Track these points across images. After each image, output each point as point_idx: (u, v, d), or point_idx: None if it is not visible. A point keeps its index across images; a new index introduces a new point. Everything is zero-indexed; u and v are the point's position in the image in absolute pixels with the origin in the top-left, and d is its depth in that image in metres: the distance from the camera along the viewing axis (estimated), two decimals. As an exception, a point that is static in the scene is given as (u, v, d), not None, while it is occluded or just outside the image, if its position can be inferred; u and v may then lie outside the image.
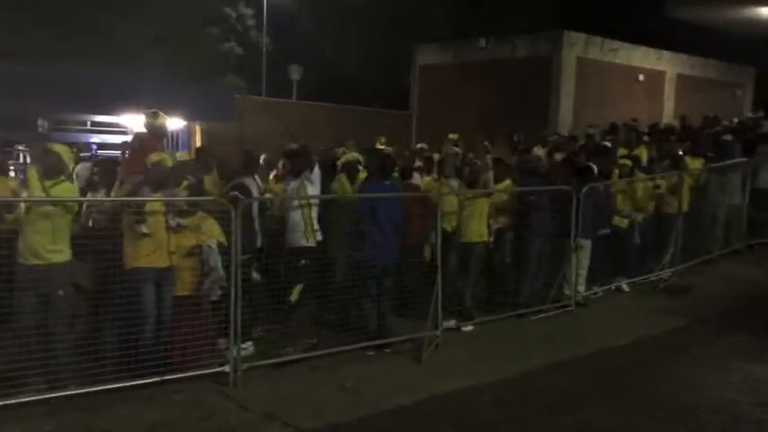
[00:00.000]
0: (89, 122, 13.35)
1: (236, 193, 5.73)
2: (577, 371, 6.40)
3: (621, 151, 9.60)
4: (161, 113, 6.91)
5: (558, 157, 9.59)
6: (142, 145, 6.64)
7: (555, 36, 18.10)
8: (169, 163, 5.98)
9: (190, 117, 13.27)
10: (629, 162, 9.18)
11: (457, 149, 9.35)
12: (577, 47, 18.25)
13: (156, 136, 6.87)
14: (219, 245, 5.83)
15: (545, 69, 17.91)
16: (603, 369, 6.50)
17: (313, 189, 6.48)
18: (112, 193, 6.35)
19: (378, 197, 6.61)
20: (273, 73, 26.47)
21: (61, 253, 5.28)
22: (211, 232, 5.92)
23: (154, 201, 5.66)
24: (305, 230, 6.40)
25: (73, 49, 17.46)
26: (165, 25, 22.58)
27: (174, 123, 13.04)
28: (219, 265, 5.74)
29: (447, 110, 19.07)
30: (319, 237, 6.51)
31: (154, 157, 5.83)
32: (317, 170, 6.53)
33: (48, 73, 11.58)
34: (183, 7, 23.48)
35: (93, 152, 12.35)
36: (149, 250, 5.54)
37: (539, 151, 10.64)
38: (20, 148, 12.40)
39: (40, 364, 5.09)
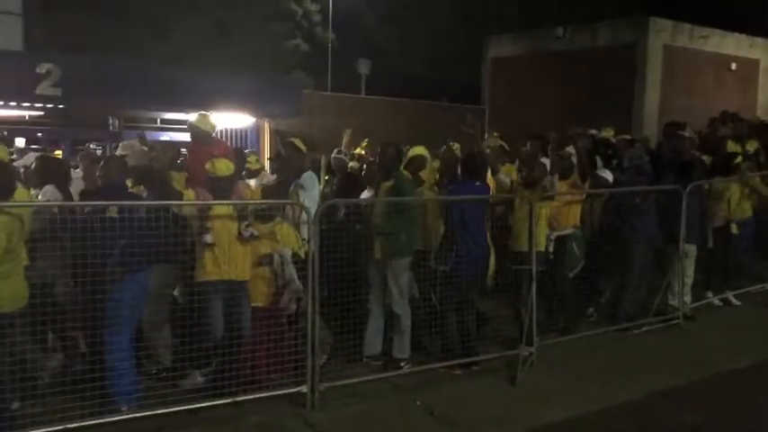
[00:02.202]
0: (159, 120, 13.17)
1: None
2: (698, 398, 5.58)
3: (732, 146, 8.59)
4: (208, 116, 6.43)
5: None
6: (194, 154, 6.20)
7: (639, 23, 16.91)
8: (224, 168, 5.27)
9: (258, 114, 12.91)
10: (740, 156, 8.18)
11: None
12: (664, 34, 17.01)
13: (200, 140, 6.42)
14: (295, 255, 5.29)
15: (629, 59, 16.74)
16: (729, 396, 5.66)
17: (306, 194, 5.89)
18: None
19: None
20: (340, 68, 26.08)
21: None
22: (286, 240, 5.40)
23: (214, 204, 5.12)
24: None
25: (136, 45, 17.44)
26: (229, 22, 22.46)
27: (244, 121, 12.72)
28: (296, 276, 5.21)
29: (521, 104, 18.16)
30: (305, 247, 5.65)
31: (209, 166, 5.25)
32: (310, 174, 6.00)
33: (117, 70, 11.39)
34: (248, 4, 23.32)
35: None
36: (217, 262, 5.04)
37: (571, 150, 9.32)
38: (92, 146, 12.32)
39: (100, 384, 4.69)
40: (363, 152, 8.94)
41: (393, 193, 5.89)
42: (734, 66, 18.48)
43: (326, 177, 7.65)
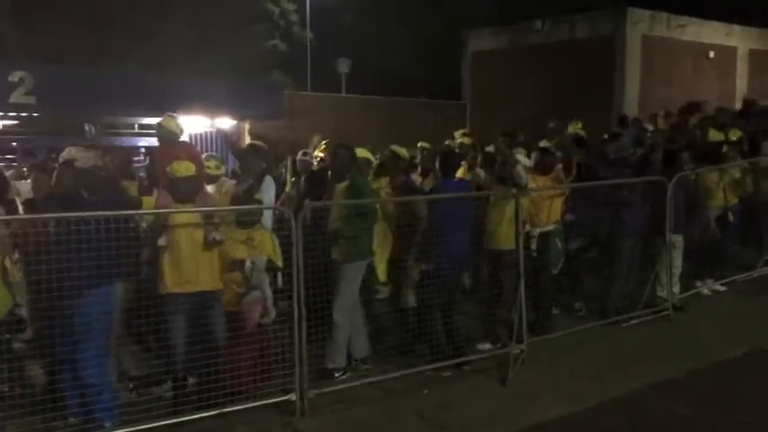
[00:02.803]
0: (136, 125, 12.94)
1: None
2: (690, 390, 5.56)
3: (714, 134, 8.59)
4: (174, 116, 6.26)
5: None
6: (160, 158, 6.05)
7: (617, 14, 16.99)
8: (183, 169, 5.03)
9: (238, 117, 12.72)
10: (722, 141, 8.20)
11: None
12: (642, 25, 17.08)
13: (165, 141, 6.26)
14: (271, 263, 5.17)
15: (608, 51, 16.81)
16: (721, 387, 5.63)
17: (261, 195, 5.80)
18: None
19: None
20: (320, 68, 25.91)
21: None
22: (263, 247, 5.26)
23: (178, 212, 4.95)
24: None
25: (115, 52, 17.19)
26: (207, 25, 22.21)
27: (224, 124, 12.54)
28: (265, 284, 5.10)
29: (502, 99, 18.18)
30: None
31: (168, 169, 5.05)
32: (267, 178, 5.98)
33: (92, 76, 11.19)
34: (226, 6, 23.09)
35: (142, 156, 11.95)
36: (179, 270, 4.82)
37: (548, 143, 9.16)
38: (68, 154, 12.09)
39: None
40: (322, 154, 8.84)
41: (349, 194, 5.74)
42: (712, 54, 18.59)
43: (292, 179, 7.54)
